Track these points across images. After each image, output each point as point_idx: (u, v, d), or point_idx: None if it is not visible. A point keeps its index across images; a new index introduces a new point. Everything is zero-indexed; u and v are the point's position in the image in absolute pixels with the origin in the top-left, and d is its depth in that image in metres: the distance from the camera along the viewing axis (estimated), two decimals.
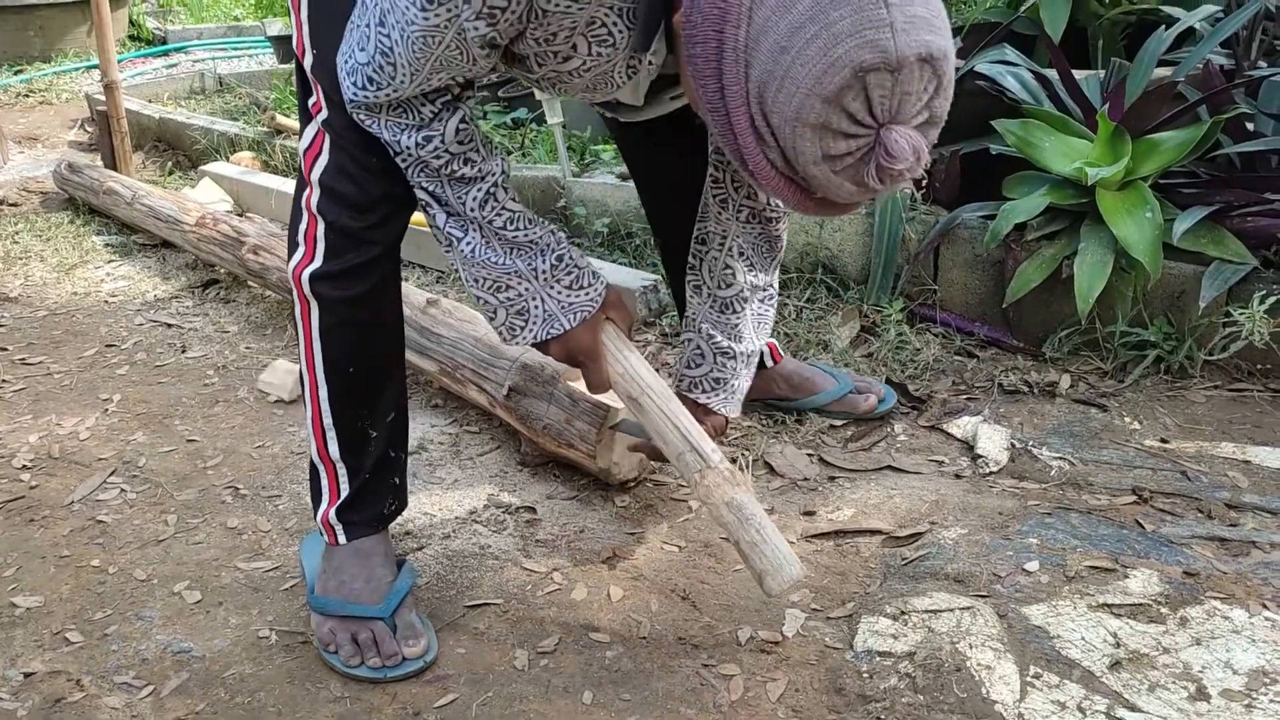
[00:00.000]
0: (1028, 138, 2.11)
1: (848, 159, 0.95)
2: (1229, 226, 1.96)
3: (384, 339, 1.39)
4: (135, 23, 6.14)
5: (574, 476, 1.76)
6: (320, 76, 1.27)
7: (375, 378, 1.39)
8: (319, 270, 1.31)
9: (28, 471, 1.84)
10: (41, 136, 4.40)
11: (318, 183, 1.29)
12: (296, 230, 1.33)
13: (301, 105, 1.34)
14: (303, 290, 1.33)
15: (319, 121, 1.29)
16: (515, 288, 1.31)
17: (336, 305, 1.33)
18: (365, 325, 1.36)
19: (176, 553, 1.60)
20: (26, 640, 1.41)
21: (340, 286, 1.31)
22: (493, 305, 1.33)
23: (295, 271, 1.33)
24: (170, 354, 2.32)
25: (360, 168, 1.28)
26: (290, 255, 1.34)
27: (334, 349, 1.35)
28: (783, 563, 1.27)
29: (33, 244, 3.08)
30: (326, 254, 1.30)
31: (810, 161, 0.96)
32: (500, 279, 1.31)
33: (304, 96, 1.33)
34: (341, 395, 1.37)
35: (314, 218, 1.30)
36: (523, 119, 3.42)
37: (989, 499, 1.65)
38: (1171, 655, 1.29)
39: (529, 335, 1.34)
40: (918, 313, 2.21)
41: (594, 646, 1.37)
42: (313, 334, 1.35)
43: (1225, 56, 2.36)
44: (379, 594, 1.38)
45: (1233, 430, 1.80)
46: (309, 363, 1.36)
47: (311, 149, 1.30)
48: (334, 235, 1.30)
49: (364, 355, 1.37)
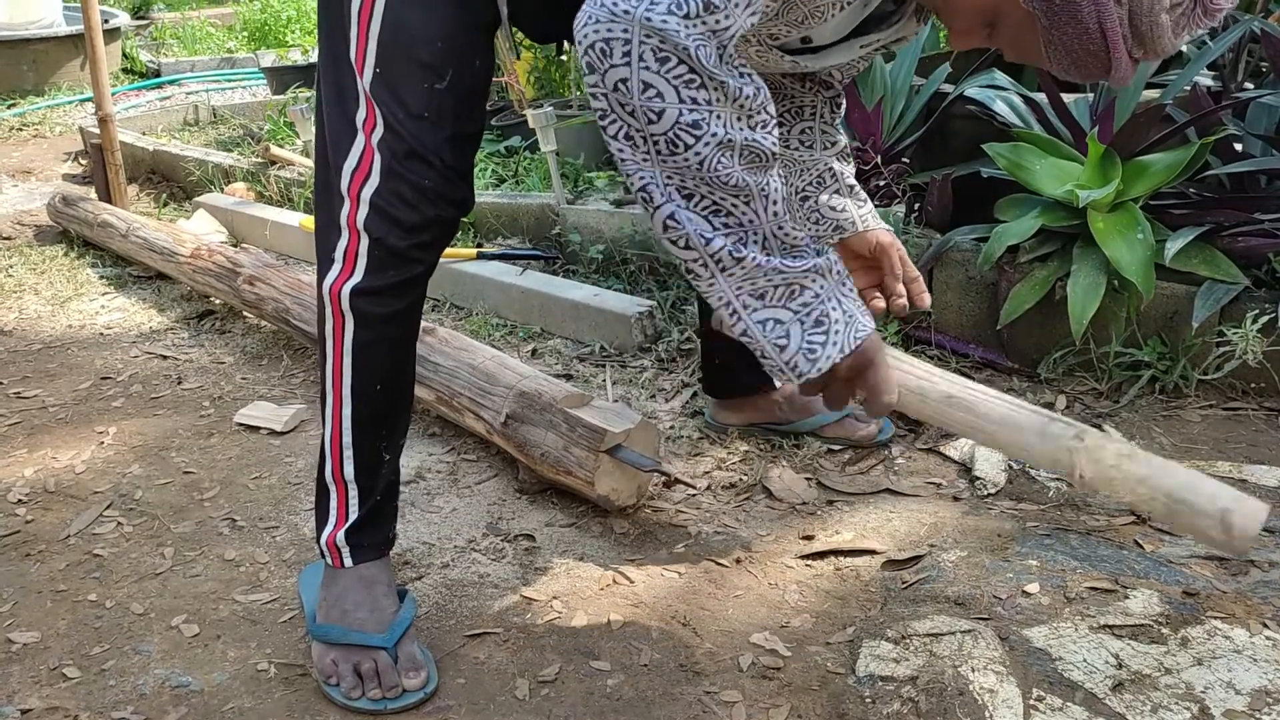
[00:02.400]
0: (1018, 161, 2.12)
1: (1185, 4, 1.04)
2: (1220, 246, 1.97)
3: (408, 360, 1.41)
4: (129, 56, 6.17)
5: (572, 503, 1.76)
6: (379, 95, 1.25)
7: (398, 398, 1.40)
8: (360, 285, 1.30)
9: (23, 505, 1.84)
10: (35, 170, 4.41)
11: (367, 200, 1.28)
12: (333, 247, 1.31)
13: (340, 118, 1.29)
14: (340, 305, 1.32)
15: (373, 140, 1.27)
16: (811, 288, 1.10)
17: (376, 322, 1.33)
18: (397, 343, 1.37)
19: (174, 586, 1.59)
20: (23, 676, 1.40)
21: (382, 303, 1.31)
22: (783, 327, 1.10)
23: (333, 287, 1.32)
24: (166, 386, 2.32)
25: (416, 191, 1.27)
26: (324, 272, 1.33)
27: (365, 366, 1.35)
28: (1237, 494, 0.99)
29: (27, 277, 3.09)
30: (368, 270, 1.30)
31: (1163, 9, 1.04)
32: (796, 281, 1.10)
33: (345, 110, 1.28)
34: (365, 414, 1.37)
35: (357, 234, 1.29)
36: (516, 147, 3.44)
37: (987, 521, 1.65)
38: (1174, 676, 1.29)
39: (832, 349, 1.10)
40: (913, 335, 2.22)
41: (595, 675, 1.36)
42: (344, 350, 1.34)
43: (1212, 78, 2.39)
44: (383, 623, 1.38)
45: (1228, 449, 1.81)
46: (335, 380, 1.36)
47: (360, 168, 1.28)
48: (380, 252, 1.29)
49: (392, 374, 1.38)
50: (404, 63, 1.24)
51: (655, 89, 1.01)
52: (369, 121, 1.27)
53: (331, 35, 1.29)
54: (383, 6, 1.23)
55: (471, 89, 1.30)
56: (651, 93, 1.01)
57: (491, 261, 2.71)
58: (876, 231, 1.51)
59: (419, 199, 1.28)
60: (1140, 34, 1.05)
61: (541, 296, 2.49)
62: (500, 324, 2.55)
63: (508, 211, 2.92)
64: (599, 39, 1.01)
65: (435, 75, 1.25)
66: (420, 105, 1.25)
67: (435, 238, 1.32)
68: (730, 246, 1.07)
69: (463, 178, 1.32)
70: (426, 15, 1.24)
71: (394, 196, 1.27)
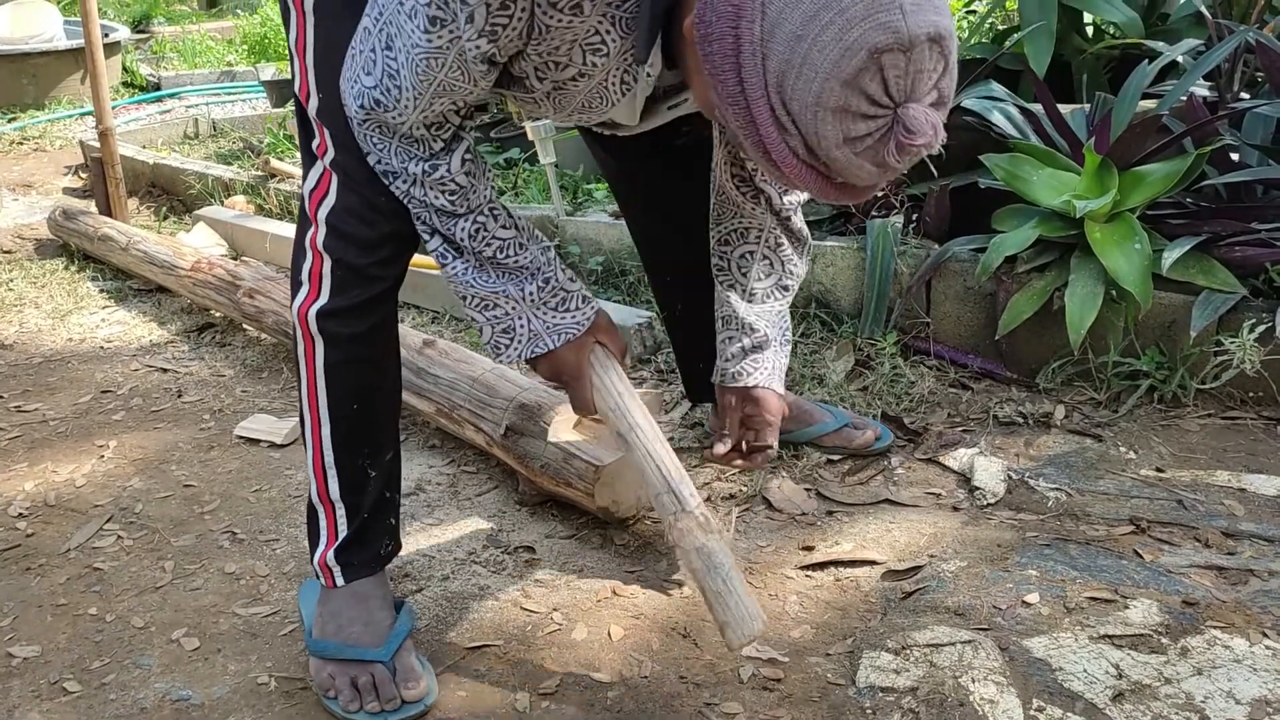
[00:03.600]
0: (1016, 171, 2.13)
1: (868, 139, 0.97)
2: (1217, 256, 1.98)
3: (385, 376, 1.41)
4: (129, 70, 6.18)
5: (572, 515, 1.76)
6: (326, 120, 1.29)
7: (376, 415, 1.40)
8: (325, 307, 1.32)
9: (24, 519, 1.84)
10: (35, 183, 4.42)
11: (324, 221, 1.31)
12: (300, 269, 1.34)
13: (304, 148, 1.35)
14: (308, 328, 1.34)
15: (326, 162, 1.30)
16: (502, 306, 1.33)
17: (344, 342, 1.34)
18: (369, 362, 1.37)
19: (174, 599, 1.59)
20: (24, 691, 1.40)
21: (347, 323, 1.33)
22: (480, 322, 1.34)
23: (301, 310, 1.34)
24: (166, 399, 2.32)
25: (369, 207, 1.29)
26: (294, 295, 1.35)
27: (338, 386, 1.36)
28: (745, 617, 1.25)
29: (27, 290, 3.09)
30: (333, 291, 1.32)
31: (833, 145, 0.97)
32: (488, 298, 1.32)
33: (306, 139, 1.34)
34: (344, 433, 1.38)
35: (320, 256, 1.31)
36: (515, 159, 3.44)
37: (987, 531, 1.65)
38: (1174, 686, 1.29)
39: (513, 353, 1.36)
40: (911, 345, 2.23)
41: (595, 687, 1.36)
42: (316, 372, 1.36)
43: (1208, 89, 2.40)
44: (378, 636, 1.38)
45: (1227, 458, 1.81)
46: (311, 402, 1.37)
47: (318, 190, 1.31)
48: (341, 272, 1.31)
49: (367, 392, 1.38)
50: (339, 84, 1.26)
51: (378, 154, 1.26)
52: (321, 145, 1.31)
53: (292, 74, 1.34)
54: (312, 34, 1.28)
55: None
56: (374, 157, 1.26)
57: None
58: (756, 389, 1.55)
59: (374, 215, 1.30)
60: (830, 166, 1.01)
61: None
62: None
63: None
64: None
65: None
66: None
67: (394, 253, 1.33)
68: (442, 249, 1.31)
69: None
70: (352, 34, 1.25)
71: (348, 214, 1.30)
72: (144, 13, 7.46)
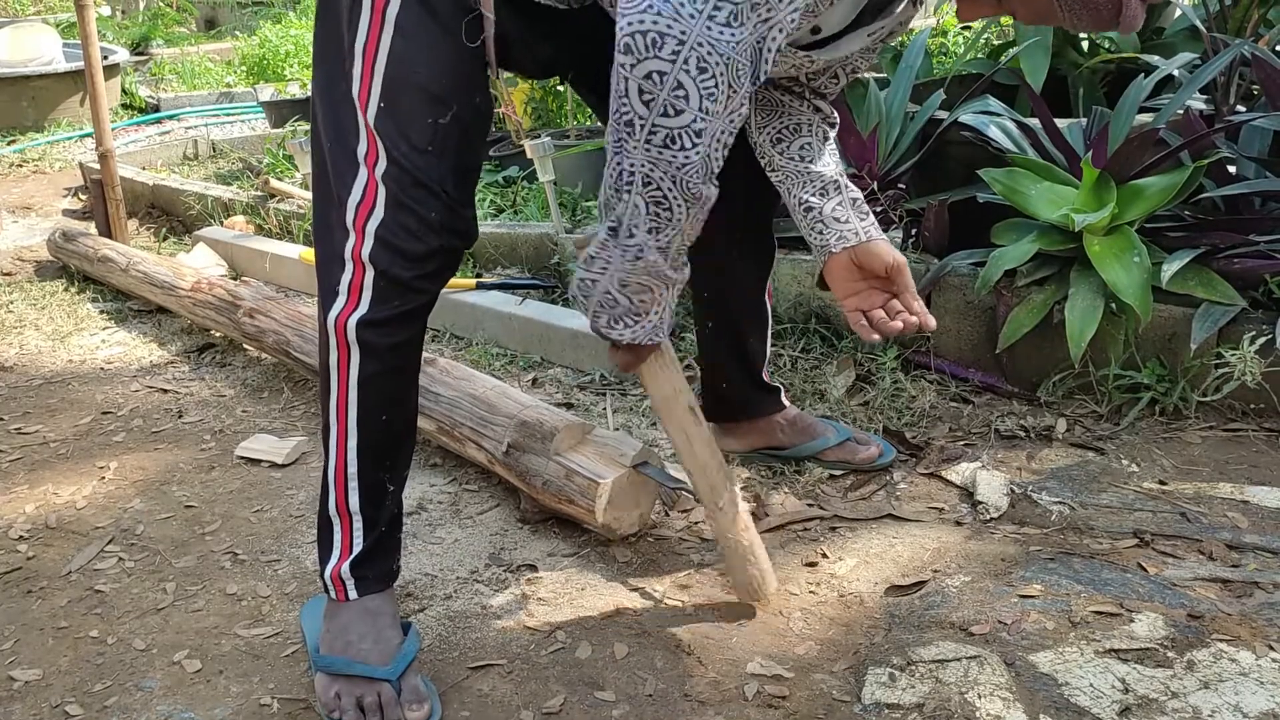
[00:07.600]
0: (1014, 186, 2.14)
1: None
2: (1216, 268, 1.98)
3: (410, 391, 1.42)
4: (128, 91, 6.20)
5: (575, 533, 1.75)
6: (383, 129, 1.27)
7: (400, 429, 1.41)
8: (366, 317, 1.32)
9: (25, 542, 1.83)
10: (35, 205, 4.42)
11: (372, 233, 1.29)
12: (337, 279, 1.32)
13: (341, 151, 1.30)
14: (345, 338, 1.33)
15: (376, 173, 1.28)
16: (655, 291, 1.34)
17: (383, 352, 1.34)
18: (402, 372, 1.38)
19: (176, 621, 1.59)
20: (25, 714, 1.39)
21: (387, 333, 1.33)
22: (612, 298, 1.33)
23: (339, 320, 1.33)
24: (167, 420, 2.32)
25: (421, 222, 1.29)
26: (327, 305, 1.34)
27: (371, 397, 1.36)
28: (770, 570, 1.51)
29: (27, 312, 3.09)
30: (373, 302, 1.31)
31: None
32: (654, 281, 1.32)
33: (346, 143, 1.30)
34: (370, 445, 1.38)
35: (362, 267, 1.30)
36: (514, 177, 3.45)
37: (990, 545, 1.65)
38: (1180, 700, 1.28)
39: (626, 332, 1.37)
40: (912, 360, 2.23)
41: (600, 705, 1.36)
42: (350, 382, 1.35)
43: (1204, 102, 2.41)
44: (388, 655, 1.37)
45: (1230, 470, 1.81)
46: (340, 413, 1.37)
47: (364, 202, 1.29)
48: (384, 283, 1.31)
49: (398, 403, 1.39)
50: (409, 98, 1.26)
51: (685, 91, 1.14)
52: (370, 155, 1.28)
53: (329, 71, 1.30)
54: (388, 42, 1.25)
55: (473, 123, 1.32)
56: (680, 93, 1.14)
57: (491, 291, 2.71)
58: (888, 250, 1.50)
59: (424, 230, 1.29)
60: None
61: (541, 325, 2.50)
62: (500, 353, 2.55)
63: (506, 241, 2.93)
64: (654, 30, 1.11)
65: (440, 110, 1.27)
66: (424, 139, 1.27)
67: (439, 268, 1.34)
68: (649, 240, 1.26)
69: (466, 208, 1.34)
70: (431, 51, 1.26)
71: (399, 228, 1.29)
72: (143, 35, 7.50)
